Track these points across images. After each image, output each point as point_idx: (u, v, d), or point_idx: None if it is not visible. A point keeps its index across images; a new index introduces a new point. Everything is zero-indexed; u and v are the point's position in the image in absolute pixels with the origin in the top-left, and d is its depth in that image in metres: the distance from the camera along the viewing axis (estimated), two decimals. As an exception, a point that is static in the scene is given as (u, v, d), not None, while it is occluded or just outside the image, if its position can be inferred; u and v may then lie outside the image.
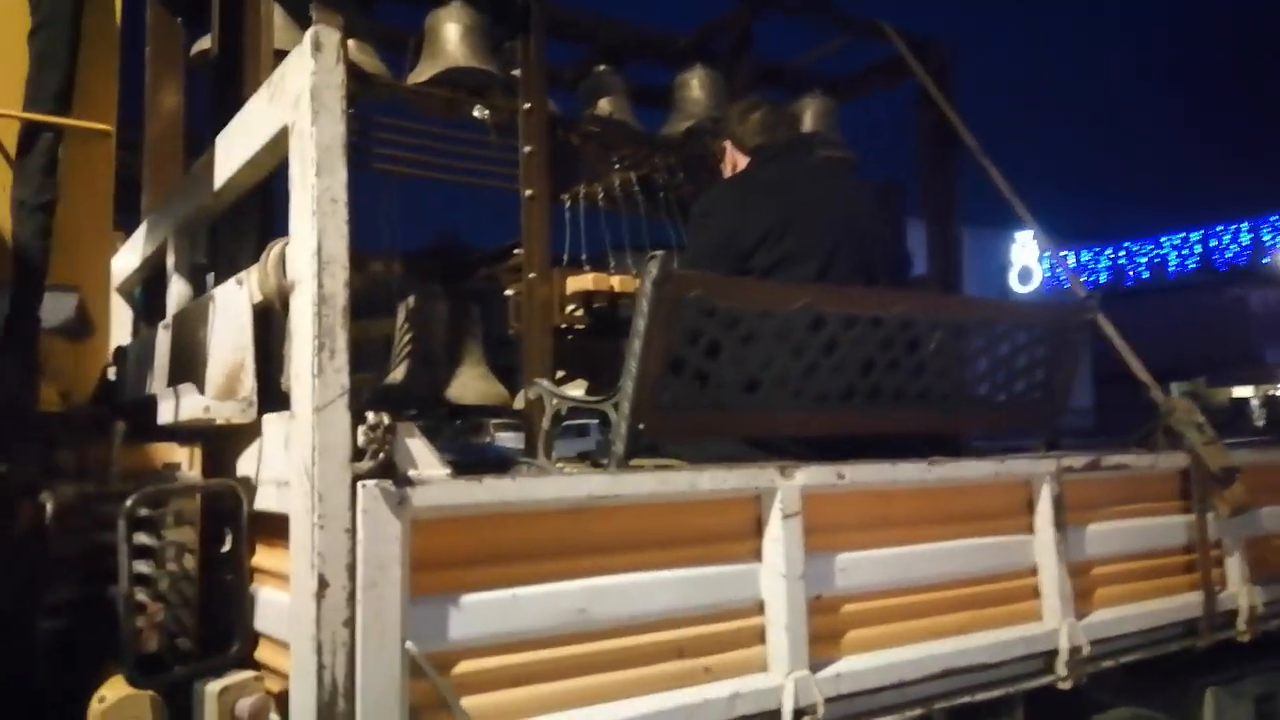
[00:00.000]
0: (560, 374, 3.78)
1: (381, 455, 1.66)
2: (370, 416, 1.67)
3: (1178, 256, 29.85)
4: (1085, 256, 30.36)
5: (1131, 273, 30.05)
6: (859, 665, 2.20)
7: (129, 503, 1.58)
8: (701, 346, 2.26)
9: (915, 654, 2.31)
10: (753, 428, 2.44)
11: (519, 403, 3.74)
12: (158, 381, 2.43)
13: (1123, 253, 30.42)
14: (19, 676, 1.78)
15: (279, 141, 1.86)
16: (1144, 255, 30.32)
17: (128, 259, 3.45)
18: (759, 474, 2.10)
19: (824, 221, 2.71)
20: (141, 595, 1.79)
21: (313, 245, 1.67)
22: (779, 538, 2.10)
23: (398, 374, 3.69)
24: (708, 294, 2.15)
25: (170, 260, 2.70)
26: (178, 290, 2.66)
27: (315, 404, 1.64)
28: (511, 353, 4.65)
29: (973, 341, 2.69)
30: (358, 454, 1.66)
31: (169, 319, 2.54)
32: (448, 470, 1.76)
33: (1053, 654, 2.58)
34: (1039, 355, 2.90)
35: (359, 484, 1.64)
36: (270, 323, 2.03)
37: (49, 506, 1.77)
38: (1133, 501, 2.97)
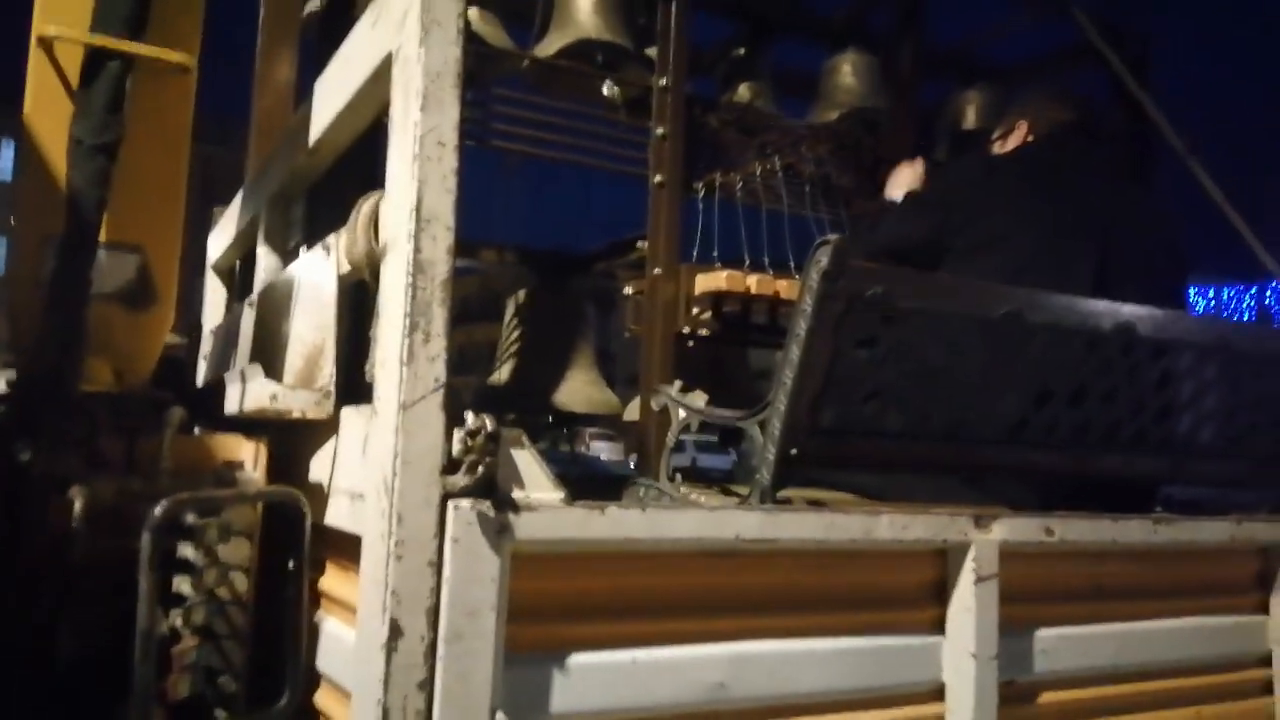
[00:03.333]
0: (677, 384, 3.39)
1: (481, 469, 1.28)
2: (470, 419, 1.29)
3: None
4: (1227, 294, 28.45)
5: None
6: (1058, 774, 1.74)
7: (156, 512, 1.24)
8: (876, 357, 1.82)
9: (1127, 763, 1.83)
10: (929, 461, 1.98)
11: (630, 413, 3.36)
12: (237, 366, 2.14)
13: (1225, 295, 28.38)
14: (39, 708, 1.46)
15: (381, 75, 1.52)
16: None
17: (223, 235, 3.21)
18: (948, 524, 1.65)
19: (1078, 229, 2.28)
20: (179, 623, 1.45)
21: (411, 199, 1.31)
22: (970, 606, 1.64)
23: (502, 374, 3.35)
24: (891, 292, 1.71)
25: (261, 231, 2.42)
26: (266, 264, 2.37)
27: (402, 399, 1.27)
28: (608, 363, 4.24)
29: (1203, 373, 2.17)
30: (451, 466, 1.29)
31: (254, 296, 2.24)
32: (562, 493, 1.37)
33: (1291, 768, 2.05)
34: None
35: (450, 504, 1.27)
36: (361, 299, 1.69)
37: (78, 505, 1.46)
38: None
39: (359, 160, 2.20)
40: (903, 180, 2.67)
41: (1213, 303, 28.27)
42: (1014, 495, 2.13)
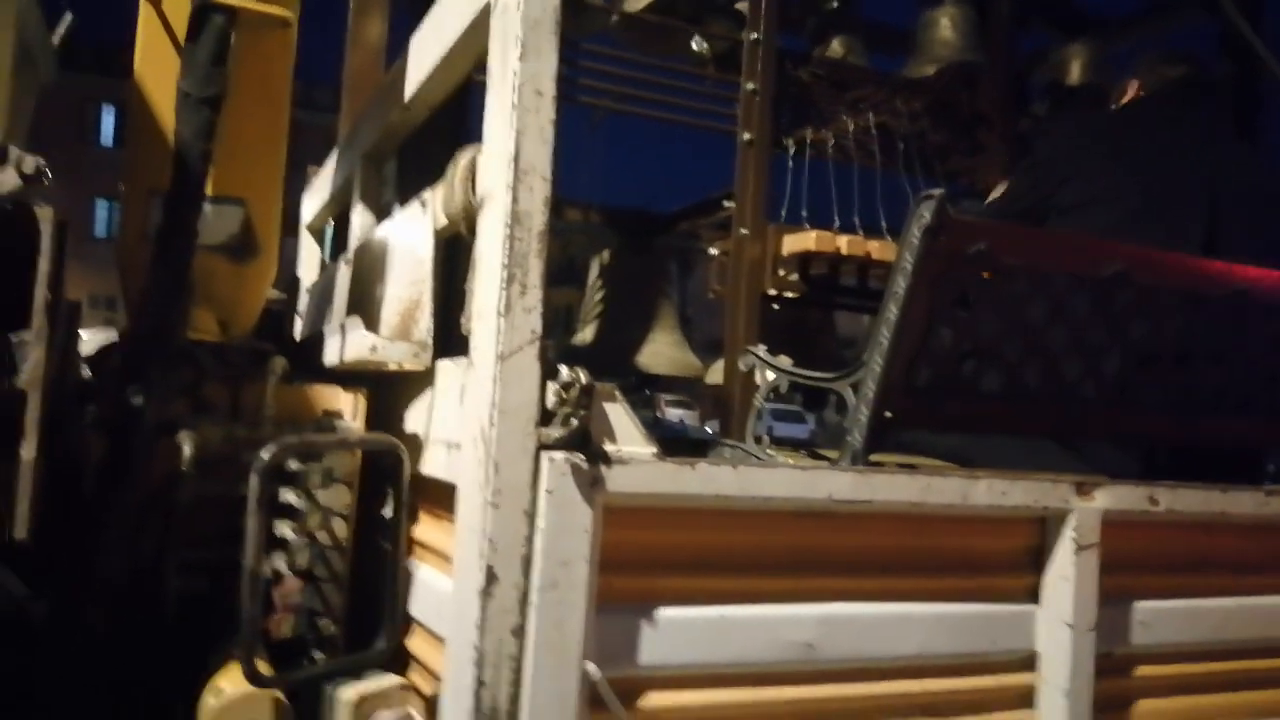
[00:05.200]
0: (761, 348, 3.35)
1: (574, 422, 1.29)
2: (565, 372, 1.30)
3: None
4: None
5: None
6: (1156, 749, 1.69)
7: (263, 455, 1.27)
8: (976, 316, 1.77)
9: (1228, 740, 1.77)
10: (1027, 423, 1.93)
11: (713, 376, 3.35)
12: (335, 320, 2.19)
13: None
14: (145, 643, 1.53)
15: (479, 27, 1.51)
16: None
17: (317, 196, 3.27)
18: (1049, 490, 1.60)
19: (1185, 185, 2.19)
20: (282, 566, 1.50)
21: (510, 150, 1.31)
22: (1068, 575, 1.60)
23: (586, 335, 3.36)
24: (995, 248, 1.66)
25: (356, 190, 2.45)
26: (361, 222, 2.40)
27: (499, 350, 1.28)
28: (686, 327, 4.21)
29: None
30: (545, 417, 1.30)
31: (350, 253, 2.28)
32: (654, 448, 1.37)
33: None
34: None
35: (544, 455, 1.28)
36: (457, 253, 1.71)
37: (186, 449, 1.51)
38: None
39: (450, 118, 2.22)
40: None
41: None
42: (1114, 462, 2.06)
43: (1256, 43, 3.18)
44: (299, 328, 3.02)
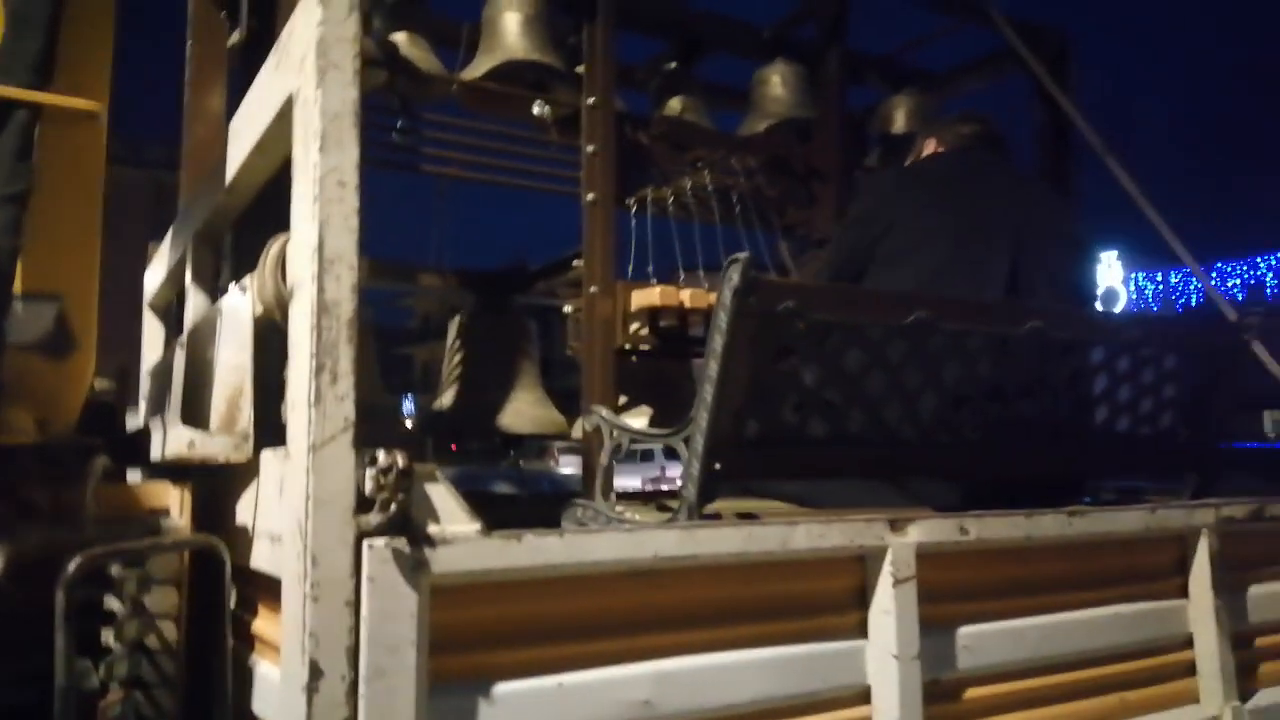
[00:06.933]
0: (623, 400, 3.42)
1: (394, 507, 1.30)
2: (381, 457, 1.32)
3: (1275, 278, 28.34)
4: (1175, 278, 29.03)
5: (1225, 294, 28.58)
6: (987, 767, 1.79)
7: (69, 569, 1.25)
8: (792, 369, 1.87)
9: (1054, 752, 1.88)
10: (852, 468, 2.03)
11: (577, 431, 3.39)
12: (171, 408, 2.14)
13: (1214, 273, 28.97)
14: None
15: (285, 116, 1.53)
16: (1238, 276, 28.86)
17: (157, 272, 3.19)
18: (864, 529, 1.69)
19: (991, 232, 2.36)
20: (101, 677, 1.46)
21: (313, 240, 1.33)
22: (889, 609, 1.69)
23: (445, 399, 3.36)
24: (802, 305, 1.76)
25: (189, 269, 2.41)
26: (195, 303, 2.36)
27: (312, 441, 1.29)
28: (575, 375, 4.28)
29: (1115, 365, 2.24)
30: (364, 504, 1.31)
31: (184, 336, 2.24)
32: (478, 525, 1.40)
33: (1215, 745, 2.12)
34: (1190, 382, 2.43)
35: (365, 543, 1.29)
36: (276, 340, 1.70)
37: (0, 558, 1.46)
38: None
39: (284, 197, 2.22)
40: None
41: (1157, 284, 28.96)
42: (941, 497, 2.19)
43: (1063, 100, 3.47)
44: (143, 412, 2.93)
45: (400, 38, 3.23)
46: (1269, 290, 28.25)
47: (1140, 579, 2.15)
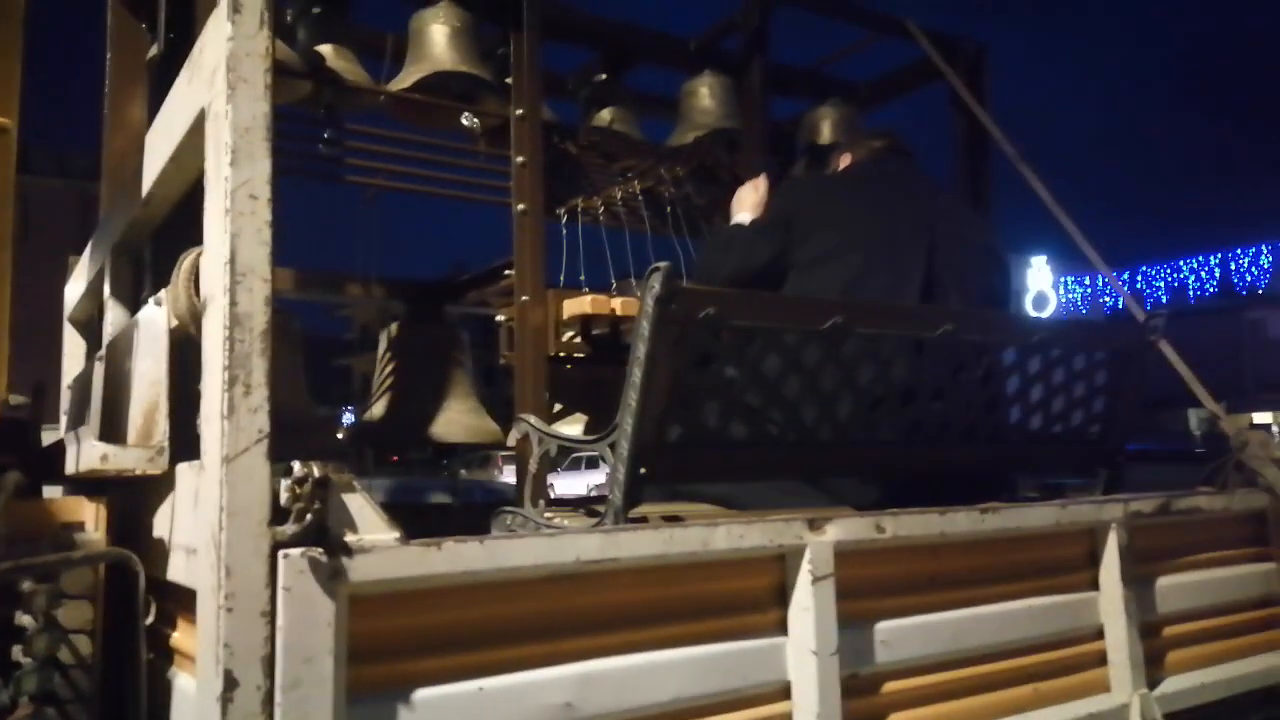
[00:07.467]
0: (557, 408, 3.43)
1: (310, 517, 1.31)
2: (296, 468, 1.32)
3: (1196, 280, 29.39)
4: (1101, 281, 29.94)
5: (1149, 297, 29.57)
6: (905, 759, 1.83)
7: (-30, 585, 1.23)
8: (714, 374, 1.90)
9: (970, 742, 1.94)
10: (774, 469, 2.08)
11: (512, 440, 3.40)
12: (90, 422, 2.11)
13: (1140, 277, 29.94)
14: None
15: (198, 129, 1.53)
16: (1162, 279, 29.86)
17: (77, 285, 3.13)
18: (783, 529, 1.74)
19: (907, 238, 2.43)
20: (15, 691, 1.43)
21: (225, 253, 1.34)
22: (808, 606, 1.73)
23: (376, 410, 3.35)
24: (722, 312, 1.80)
25: (107, 282, 2.38)
26: (113, 316, 2.33)
27: (225, 453, 1.29)
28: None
29: (1026, 366, 2.33)
30: (280, 515, 1.31)
31: (103, 350, 2.21)
32: (396, 534, 1.41)
33: (1124, 730, 2.20)
34: (1099, 383, 2.53)
35: (280, 554, 1.29)
36: (192, 353, 1.69)
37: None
38: (1206, 550, 2.60)
39: (202, 210, 2.20)
40: (746, 201, 2.79)
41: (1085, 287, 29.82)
42: (861, 496, 2.25)
43: (977, 109, 3.58)
44: (63, 426, 2.87)
45: (327, 49, 3.21)
46: (1191, 292, 29.31)
47: (1052, 572, 2.22)
